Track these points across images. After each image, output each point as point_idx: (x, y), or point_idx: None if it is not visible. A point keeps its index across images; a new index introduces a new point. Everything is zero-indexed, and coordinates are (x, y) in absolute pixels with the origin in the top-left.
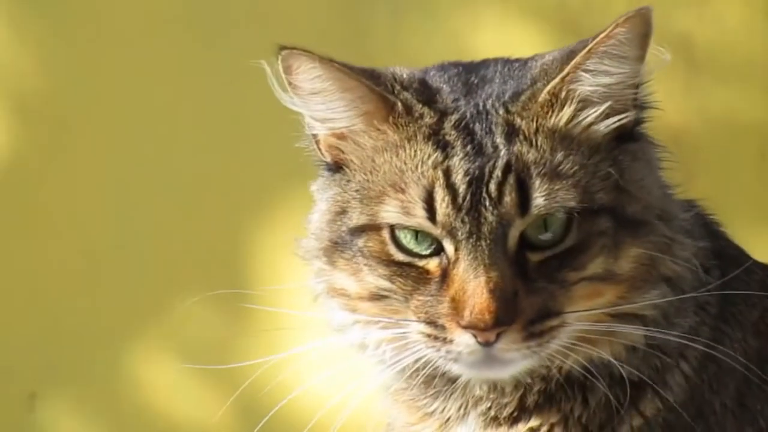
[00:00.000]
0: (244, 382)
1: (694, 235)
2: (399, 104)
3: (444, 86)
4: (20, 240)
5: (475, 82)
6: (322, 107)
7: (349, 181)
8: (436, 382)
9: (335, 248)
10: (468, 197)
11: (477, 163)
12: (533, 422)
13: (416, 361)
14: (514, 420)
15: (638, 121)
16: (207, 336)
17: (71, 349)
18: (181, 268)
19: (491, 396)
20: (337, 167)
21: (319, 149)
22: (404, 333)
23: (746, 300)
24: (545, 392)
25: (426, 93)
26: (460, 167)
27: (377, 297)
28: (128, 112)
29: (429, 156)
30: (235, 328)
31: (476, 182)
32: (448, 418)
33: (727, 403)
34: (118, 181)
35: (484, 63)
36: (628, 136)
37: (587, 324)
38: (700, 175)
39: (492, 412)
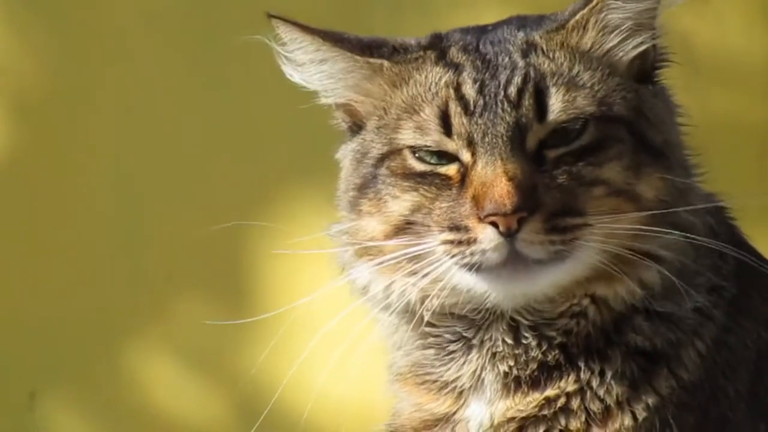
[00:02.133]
0: (243, 383)
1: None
2: (385, 63)
3: (456, 34)
4: (20, 240)
5: (489, 28)
6: (316, 77)
7: (367, 130)
8: (451, 346)
9: (360, 194)
10: (480, 102)
11: (488, 74)
12: (550, 391)
13: (441, 297)
14: (532, 384)
15: (657, 60)
16: (207, 335)
17: (71, 349)
18: (182, 267)
19: (515, 351)
20: (357, 128)
21: (336, 112)
22: (429, 249)
23: (761, 293)
24: (566, 351)
25: (432, 39)
26: (469, 78)
27: (402, 228)
28: (128, 111)
29: (441, 77)
30: (235, 327)
31: (489, 89)
32: (462, 391)
33: (741, 390)
34: (117, 180)
35: (499, 21)
36: (648, 78)
37: (609, 229)
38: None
39: (514, 371)
